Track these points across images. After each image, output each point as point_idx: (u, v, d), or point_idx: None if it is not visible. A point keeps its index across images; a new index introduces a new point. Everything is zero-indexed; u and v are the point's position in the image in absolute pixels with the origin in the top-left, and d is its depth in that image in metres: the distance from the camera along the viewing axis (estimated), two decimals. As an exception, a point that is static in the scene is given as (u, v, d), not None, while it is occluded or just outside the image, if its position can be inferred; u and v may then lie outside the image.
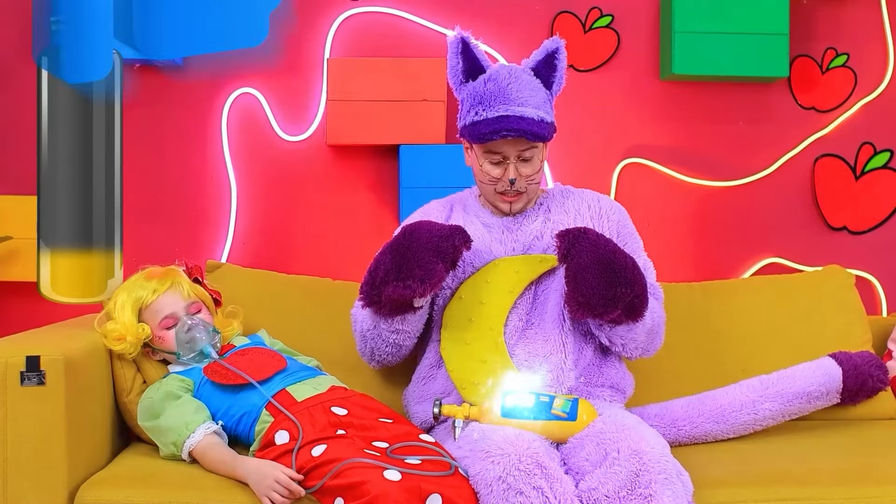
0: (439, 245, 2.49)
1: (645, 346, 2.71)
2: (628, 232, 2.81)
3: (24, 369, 2.33)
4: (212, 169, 3.56)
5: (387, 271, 2.50)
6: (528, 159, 2.67)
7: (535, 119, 2.62)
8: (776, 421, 2.85)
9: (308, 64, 3.57)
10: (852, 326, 3.18)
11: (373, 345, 2.73)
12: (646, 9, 3.64)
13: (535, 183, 2.72)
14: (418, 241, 2.50)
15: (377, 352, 2.74)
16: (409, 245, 2.50)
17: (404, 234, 2.54)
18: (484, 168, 2.69)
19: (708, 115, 3.65)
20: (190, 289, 2.77)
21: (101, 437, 2.60)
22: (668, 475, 2.27)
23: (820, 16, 3.67)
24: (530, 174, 2.68)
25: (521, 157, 2.66)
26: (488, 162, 2.68)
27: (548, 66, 2.71)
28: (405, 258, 2.48)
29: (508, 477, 2.22)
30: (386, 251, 2.53)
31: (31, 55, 3.40)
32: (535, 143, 2.66)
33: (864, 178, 3.67)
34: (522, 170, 2.67)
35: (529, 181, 2.69)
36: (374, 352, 2.75)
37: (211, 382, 2.62)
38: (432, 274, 2.47)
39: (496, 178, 2.68)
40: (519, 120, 2.60)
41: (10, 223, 3.34)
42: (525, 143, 2.65)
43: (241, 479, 2.37)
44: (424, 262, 2.47)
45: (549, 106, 2.70)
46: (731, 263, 3.66)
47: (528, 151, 2.66)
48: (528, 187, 2.71)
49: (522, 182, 2.68)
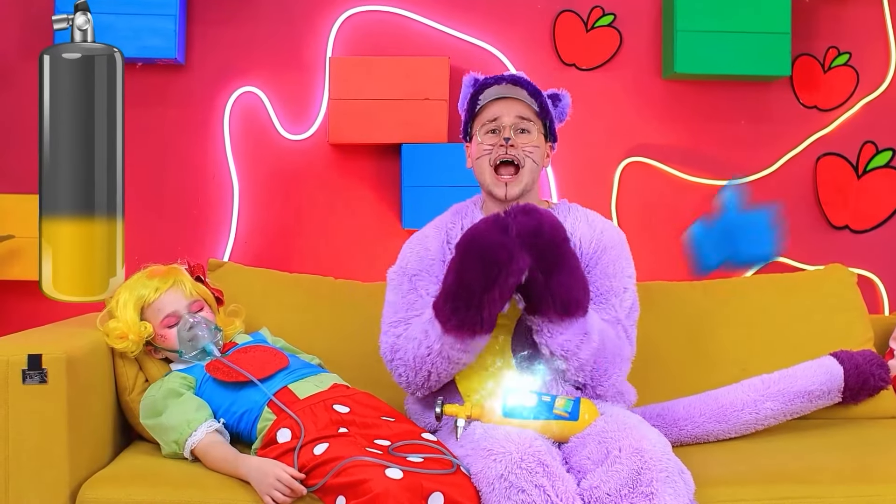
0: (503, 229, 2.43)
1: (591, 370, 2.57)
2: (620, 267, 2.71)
3: (25, 367, 2.34)
4: (214, 167, 3.56)
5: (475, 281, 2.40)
6: (525, 130, 2.68)
7: (531, 82, 2.71)
8: (778, 420, 2.85)
9: (310, 63, 3.57)
10: (854, 325, 3.18)
11: (431, 368, 2.56)
12: (647, 8, 3.64)
13: (533, 160, 2.68)
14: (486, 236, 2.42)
15: (434, 374, 2.58)
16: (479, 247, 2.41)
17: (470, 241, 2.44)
18: (482, 143, 2.69)
19: (710, 113, 3.65)
20: (192, 287, 2.78)
21: (102, 435, 2.61)
22: (670, 473, 2.26)
23: (822, 15, 3.67)
24: (526, 144, 2.67)
25: (518, 126, 2.67)
26: (485, 133, 2.69)
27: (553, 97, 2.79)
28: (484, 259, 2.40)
29: (510, 475, 2.22)
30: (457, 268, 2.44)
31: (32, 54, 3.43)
32: (532, 118, 2.68)
33: (865, 177, 3.67)
34: (519, 139, 2.66)
35: (527, 153, 2.67)
36: (430, 375, 2.58)
37: (213, 380, 2.62)
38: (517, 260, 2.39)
39: (491, 147, 2.67)
40: (514, 76, 2.71)
41: (12, 222, 3.34)
42: (522, 108, 2.68)
43: (243, 478, 2.37)
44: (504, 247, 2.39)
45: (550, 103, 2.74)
46: (733, 262, 3.66)
47: (524, 122, 2.68)
48: (525, 162, 2.66)
49: (519, 150, 2.66)
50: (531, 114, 2.69)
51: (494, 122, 2.68)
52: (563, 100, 2.80)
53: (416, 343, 2.57)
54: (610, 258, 2.69)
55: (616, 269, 2.69)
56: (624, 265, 2.72)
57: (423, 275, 2.71)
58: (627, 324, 2.67)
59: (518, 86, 2.69)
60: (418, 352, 2.56)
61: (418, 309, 2.65)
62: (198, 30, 3.55)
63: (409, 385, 2.64)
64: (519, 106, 2.68)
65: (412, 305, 2.68)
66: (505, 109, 2.68)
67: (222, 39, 3.56)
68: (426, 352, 2.54)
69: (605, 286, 2.67)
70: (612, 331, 2.61)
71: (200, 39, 3.55)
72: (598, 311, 2.62)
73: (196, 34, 3.55)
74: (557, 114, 2.79)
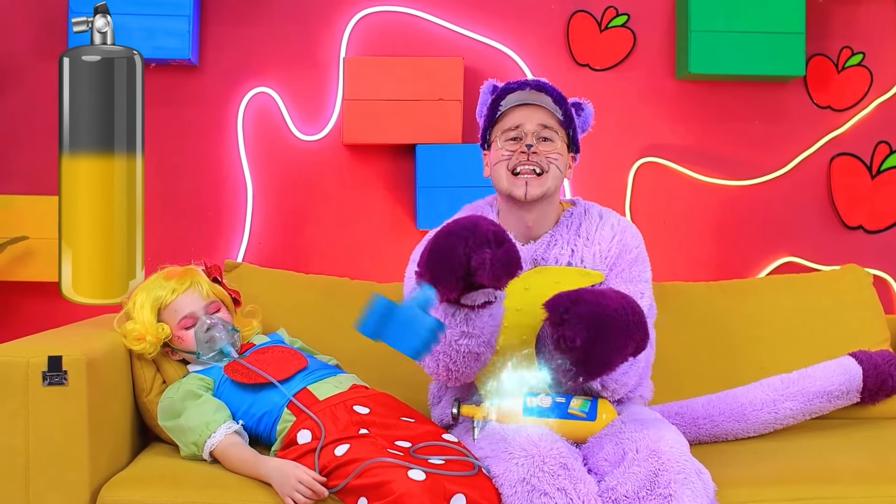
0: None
1: (632, 387, 2.58)
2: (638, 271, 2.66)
3: (45, 369, 2.34)
4: (227, 168, 3.56)
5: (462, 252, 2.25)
6: (548, 139, 2.60)
7: (556, 88, 2.63)
8: (796, 420, 2.85)
9: (324, 63, 3.57)
10: (870, 325, 3.18)
11: (446, 360, 2.48)
12: (661, 8, 3.64)
13: (557, 167, 2.60)
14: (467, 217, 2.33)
15: (452, 366, 2.50)
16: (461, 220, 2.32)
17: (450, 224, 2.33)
18: (501, 149, 2.61)
19: (724, 114, 3.65)
20: (209, 288, 2.78)
21: (122, 437, 2.61)
22: (688, 475, 2.26)
23: (836, 15, 3.66)
24: (550, 152, 2.59)
25: (540, 135, 2.59)
26: (506, 140, 2.61)
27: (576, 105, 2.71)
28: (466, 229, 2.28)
29: (532, 478, 2.22)
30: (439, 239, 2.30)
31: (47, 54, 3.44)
32: (555, 126, 2.61)
33: (879, 176, 3.66)
34: (542, 147, 2.59)
35: (551, 160, 2.58)
36: (449, 368, 2.50)
37: (231, 381, 2.62)
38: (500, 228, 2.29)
39: (511, 152, 2.59)
40: (539, 82, 2.62)
41: (27, 223, 3.34)
42: (545, 116, 2.60)
43: (263, 479, 2.37)
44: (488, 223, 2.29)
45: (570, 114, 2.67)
46: (746, 262, 3.65)
47: (547, 130, 2.60)
48: (549, 168, 2.58)
49: (542, 157, 2.57)
50: (554, 122, 2.62)
51: (516, 129, 2.60)
52: (586, 109, 2.72)
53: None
54: (628, 262, 2.64)
55: (634, 273, 2.64)
56: (641, 269, 2.67)
57: None
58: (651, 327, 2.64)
59: (543, 92, 2.61)
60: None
61: None
62: (211, 30, 3.55)
63: (437, 377, 2.57)
64: (542, 113, 2.61)
65: None
66: (527, 116, 2.60)
67: (236, 40, 3.56)
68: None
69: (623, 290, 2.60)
70: None
71: (214, 40, 3.55)
72: None
73: (210, 35, 3.55)
74: (580, 123, 2.71)
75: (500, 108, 2.64)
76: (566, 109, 2.64)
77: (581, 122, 2.71)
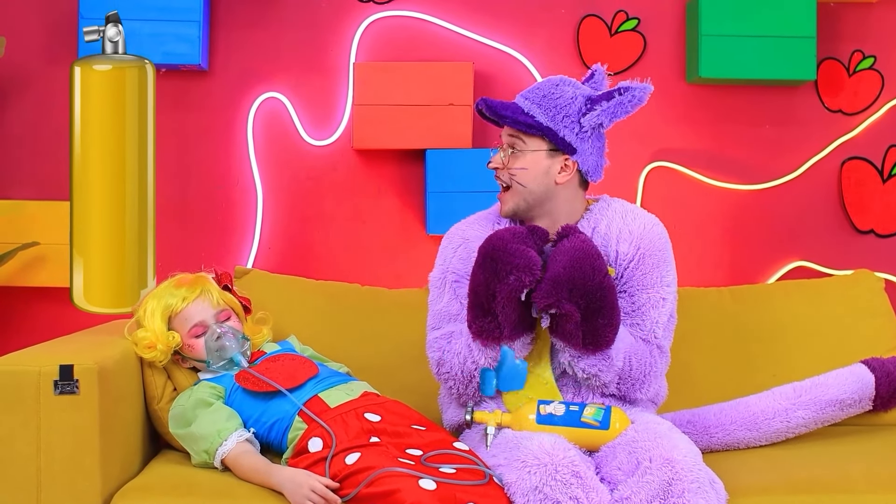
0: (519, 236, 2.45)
1: (619, 389, 2.57)
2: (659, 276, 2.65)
3: (57, 378, 2.33)
4: (237, 173, 3.56)
5: (488, 281, 2.42)
6: (516, 150, 2.63)
7: (520, 108, 2.62)
8: (808, 428, 2.84)
9: (334, 68, 3.57)
10: (882, 331, 3.17)
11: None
12: (672, 12, 3.64)
13: (519, 183, 2.62)
14: (502, 240, 2.44)
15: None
16: (492, 251, 2.44)
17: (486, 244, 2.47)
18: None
19: (735, 118, 3.64)
20: (219, 296, 2.77)
21: (133, 445, 2.60)
22: (701, 484, 2.25)
23: (847, 18, 3.66)
24: (514, 168, 2.62)
25: (511, 145, 2.64)
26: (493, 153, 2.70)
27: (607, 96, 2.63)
28: (497, 258, 2.42)
29: (545, 487, 2.21)
30: (476, 269, 2.47)
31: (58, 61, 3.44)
32: (521, 136, 2.62)
33: (891, 180, 3.65)
34: (510, 162, 2.63)
35: (512, 176, 2.62)
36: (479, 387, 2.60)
37: (242, 389, 2.61)
38: (530, 258, 2.39)
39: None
40: (502, 103, 2.65)
41: (38, 228, 3.35)
42: (508, 127, 2.64)
43: (276, 488, 2.37)
44: (515, 251, 2.41)
45: (561, 116, 2.61)
46: (757, 267, 3.65)
47: (513, 140, 2.63)
48: (511, 183, 2.63)
49: (505, 173, 2.63)
50: (518, 132, 2.63)
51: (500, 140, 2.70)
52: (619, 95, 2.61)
53: (461, 358, 2.56)
54: (649, 266, 2.62)
55: (654, 278, 2.63)
56: (664, 273, 2.64)
57: (464, 281, 2.65)
58: (663, 336, 2.63)
59: (496, 116, 2.65)
60: (465, 366, 2.56)
61: (460, 317, 2.64)
62: (221, 36, 3.55)
63: (460, 396, 2.64)
64: (507, 127, 2.66)
65: (455, 315, 2.66)
66: (504, 132, 2.68)
67: (246, 45, 3.56)
68: (472, 366, 2.55)
69: (642, 298, 2.61)
70: (642, 348, 2.57)
71: (224, 45, 3.56)
72: (632, 327, 2.59)
73: (220, 40, 3.55)
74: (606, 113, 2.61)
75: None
76: (528, 122, 2.60)
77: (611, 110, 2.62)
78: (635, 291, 2.62)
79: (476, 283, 2.46)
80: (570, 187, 2.66)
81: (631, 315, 2.60)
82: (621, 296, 2.60)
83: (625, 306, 2.59)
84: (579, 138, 2.63)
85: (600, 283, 2.42)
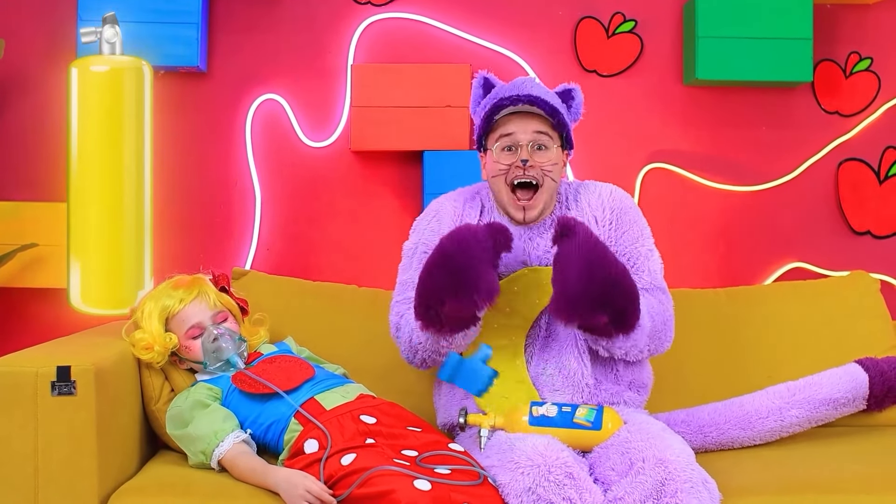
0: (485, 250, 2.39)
1: (651, 349, 2.64)
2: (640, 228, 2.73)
3: (54, 379, 2.35)
4: (236, 175, 3.57)
5: (442, 289, 2.39)
6: (543, 146, 2.62)
7: (548, 100, 2.62)
8: (802, 428, 2.85)
9: (332, 70, 3.58)
10: (878, 332, 3.17)
11: (424, 356, 2.63)
12: (669, 14, 3.64)
13: (552, 178, 2.63)
14: (467, 251, 2.38)
15: (429, 361, 2.66)
16: (457, 257, 2.38)
17: (450, 244, 2.41)
18: (498, 160, 2.63)
19: (731, 119, 3.65)
20: (216, 298, 2.78)
21: (130, 446, 2.62)
22: (694, 484, 2.26)
23: (843, 20, 3.66)
24: (545, 163, 2.61)
25: (535, 142, 2.61)
26: (501, 148, 2.63)
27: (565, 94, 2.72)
28: (459, 271, 2.36)
29: (538, 488, 2.22)
30: (433, 268, 2.41)
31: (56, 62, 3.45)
32: (549, 132, 2.62)
33: (887, 182, 3.66)
34: (537, 157, 2.61)
35: (545, 172, 2.61)
36: (425, 361, 2.66)
37: (239, 391, 2.63)
38: (492, 283, 2.36)
39: (507, 166, 2.61)
40: (530, 96, 2.61)
41: (36, 230, 3.35)
42: (539, 124, 2.61)
43: (272, 489, 2.38)
44: (481, 272, 2.36)
45: (565, 109, 2.68)
46: (754, 268, 3.65)
47: (542, 137, 2.61)
48: (544, 181, 2.62)
49: (537, 170, 2.60)
50: (548, 127, 2.63)
51: (510, 136, 2.62)
52: (577, 98, 2.72)
53: (409, 329, 2.62)
54: (628, 222, 2.71)
55: (636, 232, 2.71)
56: (641, 226, 2.74)
57: None
58: (661, 282, 2.71)
59: (535, 105, 2.60)
60: (412, 338, 2.62)
61: None
62: (220, 37, 3.56)
63: (410, 363, 2.71)
64: (535, 121, 2.61)
65: None
66: (521, 125, 2.61)
67: (244, 47, 3.57)
68: (418, 340, 2.60)
69: (634, 252, 2.68)
70: (653, 300, 2.63)
71: (222, 47, 3.56)
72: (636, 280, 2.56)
73: (218, 42, 3.56)
74: (572, 114, 2.71)
75: (495, 119, 2.65)
76: (559, 118, 2.63)
77: (573, 112, 2.72)
78: (626, 249, 2.68)
79: (427, 283, 2.43)
80: None
81: (630, 271, 2.54)
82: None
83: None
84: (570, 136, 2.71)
85: (615, 278, 2.39)
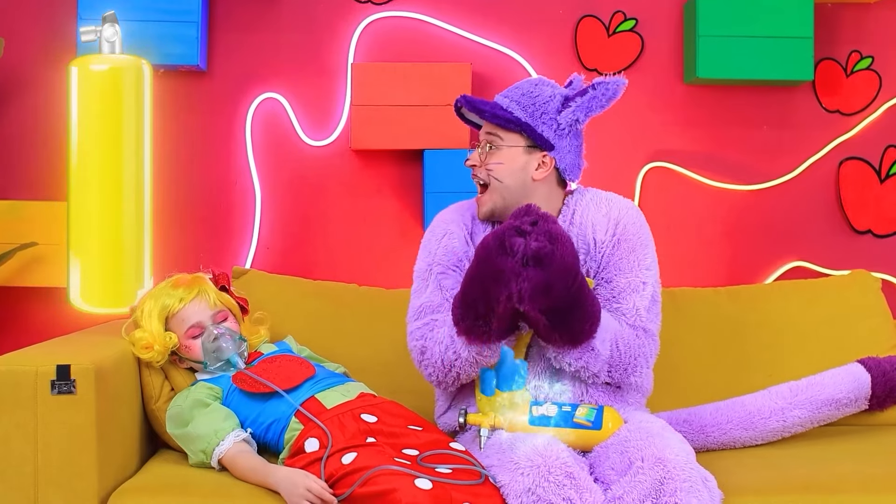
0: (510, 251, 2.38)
1: (612, 378, 2.58)
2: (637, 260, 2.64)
3: (54, 378, 2.34)
4: (236, 174, 3.56)
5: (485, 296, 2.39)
6: (493, 147, 2.64)
7: (499, 105, 2.64)
8: (805, 428, 2.85)
9: (332, 69, 3.58)
10: (879, 331, 3.18)
11: (460, 370, 2.56)
12: (669, 12, 3.64)
13: (497, 179, 2.63)
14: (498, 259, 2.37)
15: (463, 376, 2.59)
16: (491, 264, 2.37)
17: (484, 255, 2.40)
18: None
19: (732, 118, 3.64)
20: (216, 297, 2.77)
21: (130, 445, 2.61)
22: (693, 482, 2.25)
23: (844, 19, 3.66)
24: (491, 164, 2.63)
25: (486, 142, 2.65)
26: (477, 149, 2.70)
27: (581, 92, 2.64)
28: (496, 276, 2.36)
29: (538, 489, 2.21)
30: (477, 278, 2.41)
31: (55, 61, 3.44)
32: (499, 132, 2.63)
33: (888, 181, 3.65)
34: (487, 158, 2.64)
35: (490, 172, 2.63)
36: (459, 377, 2.58)
37: (240, 391, 2.62)
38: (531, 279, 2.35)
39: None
40: (481, 100, 2.66)
41: (35, 229, 3.35)
42: (490, 125, 2.65)
43: (272, 488, 2.38)
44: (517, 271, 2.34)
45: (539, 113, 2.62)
46: (755, 267, 3.65)
47: (491, 137, 2.64)
48: (490, 180, 2.64)
49: (482, 170, 2.65)
50: (496, 128, 2.65)
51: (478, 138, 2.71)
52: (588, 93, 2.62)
53: (443, 347, 2.55)
54: (625, 251, 2.63)
55: (632, 263, 2.63)
56: (641, 256, 2.64)
57: (449, 272, 2.67)
58: (648, 319, 2.61)
59: (474, 111, 2.66)
60: (446, 355, 2.55)
61: (443, 308, 2.63)
62: (220, 36, 3.56)
63: (438, 383, 2.64)
64: (488, 123, 2.67)
65: (437, 307, 2.65)
66: (484, 127, 2.70)
67: (244, 46, 3.56)
68: (453, 356, 2.54)
69: (622, 283, 2.61)
70: (629, 333, 2.57)
71: (223, 46, 3.56)
72: (615, 312, 2.58)
73: (218, 41, 3.56)
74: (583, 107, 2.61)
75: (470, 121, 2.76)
76: (507, 117, 2.62)
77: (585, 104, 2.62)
78: (613, 277, 2.62)
79: (473, 290, 2.43)
80: (547, 185, 2.67)
81: (612, 301, 2.59)
82: (602, 283, 2.62)
83: (605, 293, 2.61)
84: (557, 135, 2.64)
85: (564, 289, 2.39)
